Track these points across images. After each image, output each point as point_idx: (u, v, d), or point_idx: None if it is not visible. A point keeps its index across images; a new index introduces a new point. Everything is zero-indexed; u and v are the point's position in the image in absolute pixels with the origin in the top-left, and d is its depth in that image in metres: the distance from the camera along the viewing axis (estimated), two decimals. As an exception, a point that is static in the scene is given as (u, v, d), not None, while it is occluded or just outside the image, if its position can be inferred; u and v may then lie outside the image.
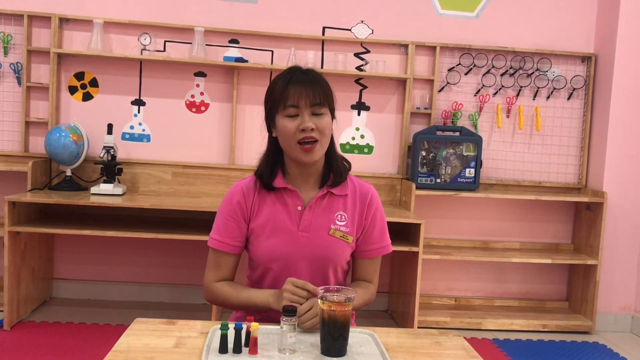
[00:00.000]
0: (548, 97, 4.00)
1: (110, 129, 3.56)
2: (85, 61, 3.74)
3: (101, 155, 3.52)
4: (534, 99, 3.98)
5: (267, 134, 1.75)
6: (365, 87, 3.91)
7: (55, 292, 3.87)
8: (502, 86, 3.94)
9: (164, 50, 3.77)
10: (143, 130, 3.82)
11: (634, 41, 3.78)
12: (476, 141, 3.78)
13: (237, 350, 1.38)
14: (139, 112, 3.81)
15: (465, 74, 3.93)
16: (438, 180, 3.78)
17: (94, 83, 3.77)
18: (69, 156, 3.51)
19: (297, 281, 1.58)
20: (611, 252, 3.87)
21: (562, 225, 4.09)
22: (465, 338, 1.59)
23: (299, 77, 1.66)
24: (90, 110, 3.77)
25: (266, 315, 1.68)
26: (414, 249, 3.39)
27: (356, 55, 3.87)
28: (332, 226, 1.71)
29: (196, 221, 3.45)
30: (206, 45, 3.72)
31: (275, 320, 1.58)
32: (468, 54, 3.91)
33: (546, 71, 3.96)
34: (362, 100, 3.92)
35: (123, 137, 3.80)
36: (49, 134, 3.52)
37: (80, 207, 3.65)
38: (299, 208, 1.71)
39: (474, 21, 3.94)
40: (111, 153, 3.53)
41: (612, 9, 3.83)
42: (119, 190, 3.49)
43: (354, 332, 1.51)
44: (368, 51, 3.87)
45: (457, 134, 3.80)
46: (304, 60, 3.71)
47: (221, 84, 3.83)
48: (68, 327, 3.36)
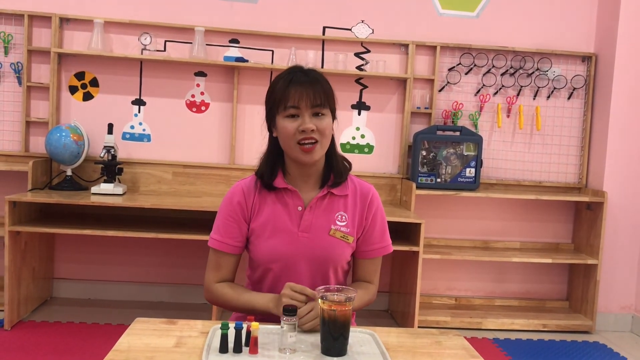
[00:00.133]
0: (548, 97, 4.00)
1: (110, 128, 3.56)
2: (86, 61, 3.74)
3: (101, 155, 3.52)
4: (534, 99, 3.98)
5: (268, 134, 1.75)
6: (365, 87, 3.91)
7: (55, 292, 3.87)
8: (503, 86, 3.94)
9: (165, 50, 3.77)
10: (143, 130, 3.82)
11: (634, 41, 3.78)
12: (476, 141, 3.78)
13: (238, 349, 1.38)
14: (139, 112, 3.81)
15: (466, 73, 3.93)
16: (438, 180, 3.78)
17: (94, 83, 3.77)
18: (70, 156, 3.52)
19: (296, 286, 1.57)
20: (611, 252, 3.87)
21: (563, 225, 4.09)
22: (465, 338, 1.59)
23: (299, 78, 1.65)
24: (90, 110, 3.77)
25: (266, 315, 1.68)
26: (415, 249, 3.39)
27: (356, 55, 3.87)
28: (333, 226, 1.71)
29: (196, 221, 3.45)
30: (206, 45, 3.72)
31: (275, 320, 1.59)
32: (468, 54, 3.91)
33: (546, 71, 3.95)
34: (363, 99, 3.92)
35: (123, 137, 3.80)
36: (49, 134, 3.52)
37: (80, 207, 3.65)
38: (300, 208, 1.71)
39: (474, 21, 3.94)
40: (111, 153, 3.54)
41: (613, 8, 3.83)
42: (119, 190, 3.49)
43: (354, 332, 1.51)
44: (368, 51, 3.87)
45: (458, 133, 3.80)
46: (304, 60, 3.71)
47: (221, 83, 3.83)
48: (68, 327, 3.36)
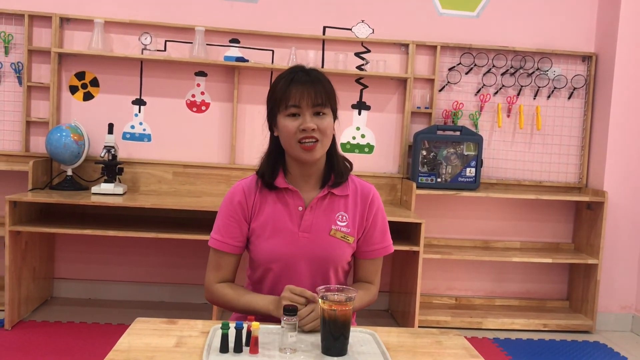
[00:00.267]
0: (549, 97, 4.00)
1: (111, 128, 3.56)
2: (86, 61, 3.74)
3: (102, 154, 3.52)
4: (534, 99, 3.98)
5: (269, 133, 1.75)
6: (365, 87, 3.91)
7: (56, 292, 3.87)
8: (503, 85, 3.94)
9: (165, 50, 3.77)
10: (144, 129, 3.82)
11: (634, 40, 3.78)
12: (477, 140, 3.78)
13: (238, 349, 1.38)
14: (139, 112, 3.81)
15: (466, 73, 3.93)
16: (439, 180, 3.78)
17: (94, 83, 3.77)
18: (70, 156, 3.52)
19: (295, 288, 1.57)
20: (612, 252, 3.86)
21: (563, 225, 4.09)
22: (465, 337, 1.59)
23: (301, 77, 1.65)
24: (91, 109, 3.77)
25: (267, 315, 1.68)
26: (415, 249, 3.39)
27: (357, 54, 3.87)
28: (333, 227, 1.71)
29: (197, 221, 3.45)
30: (207, 44, 3.72)
31: (275, 321, 1.59)
32: (468, 54, 3.91)
33: (547, 70, 3.95)
34: (363, 99, 3.92)
35: (124, 137, 3.81)
36: (49, 134, 3.52)
37: (81, 207, 3.65)
38: (300, 208, 1.71)
39: (474, 20, 3.94)
40: (112, 153, 3.53)
41: (613, 8, 3.83)
42: (119, 189, 3.49)
43: (354, 332, 1.52)
44: (369, 51, 3.87)
45: (458, 133, 3.80)
46: (305, 59, 3.70)
47: (222, 83, 3.83)
48: (69, 327, 3.36)
